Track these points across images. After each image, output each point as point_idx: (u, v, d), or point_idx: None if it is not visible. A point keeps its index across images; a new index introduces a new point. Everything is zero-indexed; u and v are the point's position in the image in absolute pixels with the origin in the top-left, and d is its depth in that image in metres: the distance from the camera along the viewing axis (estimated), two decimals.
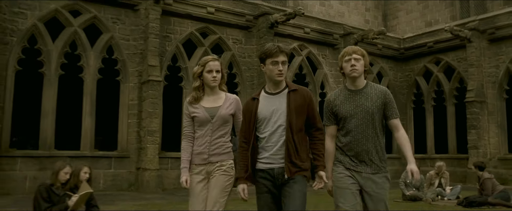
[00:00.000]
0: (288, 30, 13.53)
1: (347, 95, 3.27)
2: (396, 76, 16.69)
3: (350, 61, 3.19)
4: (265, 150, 3.04)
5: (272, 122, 3.04)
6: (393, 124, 3.23)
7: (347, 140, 3.21)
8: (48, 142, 9.87)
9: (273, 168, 3.01)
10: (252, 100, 3.16)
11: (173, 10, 11.45)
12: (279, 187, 3.02)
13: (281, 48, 3.05)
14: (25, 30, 9.73)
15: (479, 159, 13.13)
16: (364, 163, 3.16)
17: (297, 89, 3.09)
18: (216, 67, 3.38)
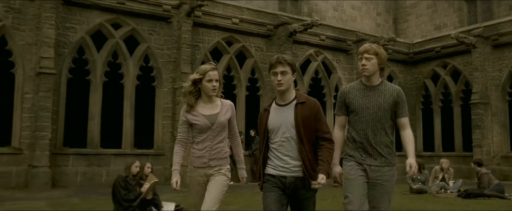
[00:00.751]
0: (305, 38, 14.67)
1: (362, 89, 3.38)
2: (405, 78, 17.75)
3: (362, 60, 3.34)
4: (276, 159, 3.15)
5: (280, 133, 3.14)
6: (402, 123, 3.36)
7: (357, 133, 3.34)
8: (94, 141, 11.17)
9: (286, 177, 3.11)
10: (264, 111, 3.29)
11: (202, 21, 12.67)
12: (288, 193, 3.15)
13: (280, 59, 3.12)
14: (75, 43, 11.02)
15: (483, 157, 14.20)
16: (372, 156, 3.29)
17: (305, 101, 3.16)
18: (215, 77, 3.49)
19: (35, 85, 10.20)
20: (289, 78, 3.12)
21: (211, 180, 3.52)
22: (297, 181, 3.09)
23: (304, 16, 20.65)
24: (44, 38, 10.16)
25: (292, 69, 3.14)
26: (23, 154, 10.15)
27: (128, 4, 11.59)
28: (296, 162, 3.09)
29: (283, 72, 3.08)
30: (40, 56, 10.06)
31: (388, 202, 3.32)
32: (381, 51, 3.37)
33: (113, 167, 11.05)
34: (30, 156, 10.05)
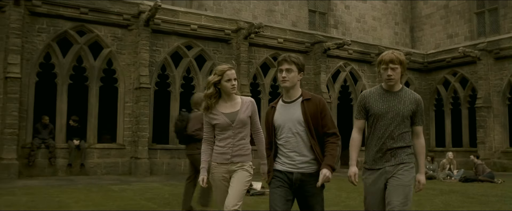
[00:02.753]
0: (336, 53, 17.57)
1: (382, 94, 3.42)
2: (420, 84, 20.54)
3: (387, 71, 3.34)
4: (282, 155, 3.25)
5: (286, 129, 3.22)
6: (416, 130, 3.43)
7: (375, 137, 3.40)
8: (175, 139, 14.27)
9: (292, 173, 3.18)
10: (271, 109, 3.38)
11: (255, 42, 15.68)
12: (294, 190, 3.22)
13: (286, 57, 3.25)
14: (159, 62, 14.12)
15: (485, 152, 17.09)
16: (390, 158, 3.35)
17: (311, 98, 3.25)
18: (233, 75, 3.61)
19: (135, 96, 13.33)
20: (294, 76, 3.23)
21: (234, 176, 3.60)
22: (304, 177, 3.17)
23: (330, 27, 23.64)
24: (142, 60, 13.29)
25: (298, 68, 3.25)
26: (125, 149, 13.33)
27: (198, 30, 14.64)
28: (302, 158, 3.18)
29: (288, 69, 3.21)
30: (139, 74, 13.19)
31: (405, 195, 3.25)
32: (403, 58, 3.42)
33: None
34: (132, 150, 13.22)
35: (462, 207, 6.97)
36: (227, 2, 20.43)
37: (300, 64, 3.28)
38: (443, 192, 9.17)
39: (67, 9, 12.63)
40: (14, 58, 11.51)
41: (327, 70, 17.21)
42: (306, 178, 3.15)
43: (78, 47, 12.93)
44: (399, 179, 3.28)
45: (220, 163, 3.64)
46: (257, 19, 20.33)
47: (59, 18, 12.60)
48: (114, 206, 7.01)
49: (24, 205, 6.82)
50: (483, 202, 7.61)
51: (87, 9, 12.82)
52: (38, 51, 12.31)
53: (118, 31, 13.52)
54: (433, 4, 25.62)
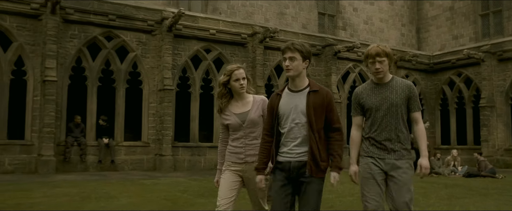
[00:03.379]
0: (345, 55, 18.41)
1: (374, 88, 3.46)
2: (426, 85, 21.36)
3: (375, 64, 3.38)
4: (284, 145, 3.20)
5: (290, 118, 3.16)
6: (414, 117, 3.45)
7: (372, 130, 3.43)
8: (195, 137, 15.23)
9: (290, 162, 3.15)
10: (276, 95, 3.31)
11: (269, 45, 16.55)
12: (293, 180, 3.15)
13: (289, 45, 3.19)
14: (181, 65, 15.02)
15: (489, 150, 17.90)
16: (388, 151, 3.37)
17: (318, 89, 3.18)
18: (241, 75, 3.61)
19: (159, 97, 14.28)
20: (298, 64, 3.16)
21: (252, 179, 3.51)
22: (301, 165, 3.13)
23: (339, 29, 24.49)
24: (165, 63, 14.24)
25: (302, 56, 3.17)
26: (150, 146, 14.28)
27: (216, 35, 15.56)
28: (302, 149, 3.14)
29: (292, 57, 3.15)
30: (163, 76, 14.13)
31: (408, 193, 3.32)
32: (389, 50, 3.45)
33: (208, 156, 15.08)
34: (156, 148, 14.17)
35: (464, 198, 7.84)
36: (240, 5, 21.31)
37: (305, 51, 3.20)
38: (448, 185, 10.03)
39: (96, 16, 13.58)
40: (51, 63, 12.48)
41: (337, 71, 18.08)
42: (303, 167, 3.11)
43: (106, 52, 13.88)
44: (401, 179, 3.32)
45: (234, 162, 3.64)
46: (269, 22, 21.30)
47: (89, 24, 13.55)
48: (154, 196, 7.92)
49: (77, 195, 7.75)
50: (483, 194, 8.47)
51: (114, 16, 13.76)
52: (71, 55, 13.27)
53: (143, 36, 14.46)
54: (439, 6, 26.36)
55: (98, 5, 13.58)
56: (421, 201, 7.27)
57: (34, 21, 12.81)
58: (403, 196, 3.29)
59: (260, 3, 21.85)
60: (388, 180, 3.37)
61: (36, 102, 12.63)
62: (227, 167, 3.64)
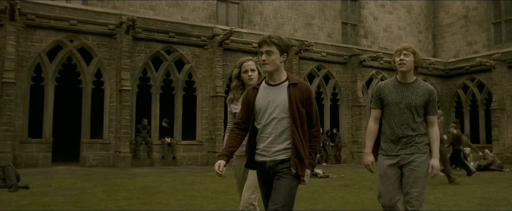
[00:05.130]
0: (370, 63, 20.61)
1: (396, 85, 3.59)
2: (442, 89, 23.42)
3: (400, 56, 3.55)
4: (260, 142, 3.02)
5: (267, 113, 2.98)
6: (430, 120, 3.59)
7: (390, 125, 3.56)
8: None
9: (266, 161, 2.99)
10: (252, 89, 3.12)
11: (303, 56, 18.82)
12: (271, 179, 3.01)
13: (265, 38, 3.02)
14: (228, 74, 17.39)
15: (499, 148, 19.94)
16: (403, 146, 3.51)
17: (297, 83, 3.01)
18: (250, 66, 3.73)
19: (211, 103, 16.65)
20: (275, 58, 2.98)
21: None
22: (276, 164, 2.97)
23: (361, 37, 26.65)
24: (216, 73, 16.61)
25: (280, 49, 3.00)
26: (203, 145, 16.66)
27: (255, 46, 17.87)
28: (278, 146, 2.96)
29: (268, 51, 2.98)
30: (215, 85, 16.50)
31: (421, 187, 3.42)
32: (417, 52, 3.57)
33: None
34: (209, 146, 16.53)
35: (473, 185, 10.04)
36: (272, 17, 23.61)
37: (282, 45, 3.03)
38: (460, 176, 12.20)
39: (159, 34, 16.00)
40: (125, 74, 14.93)
41: (362, 78, 20.27)
42: (278, 164, 2.96)
43: (167, 64, 16.29)
44: (415, 171, 3.45)
45: (238, 155, 3.69)
46: (297, 32, 23.63)
47: (153, 41, 15.98)
48: (231, 184, 10.22)
49: (168, 183, 10.00)
50: (490, 182, 10.64)
51: (174, 33, 16.17)
52: (138, 68, 15.71)
53: (197, 50, 16.84)
54: (454, 14, 28.32)
55: (161, 24, 16.00)
56: (439, 187, 9.47)
57: (110, 39, 15.28)
58: (416, 188, 3.43)
59: (290, 14, 24.12)
60: (403, 172, 3.53)
61: (113, 107, 15.09)
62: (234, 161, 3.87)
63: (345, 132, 19.80)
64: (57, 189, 8.14)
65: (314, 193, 8.30)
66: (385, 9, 27.61)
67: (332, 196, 7.94)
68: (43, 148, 14.00)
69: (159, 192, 8.00)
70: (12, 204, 6.27)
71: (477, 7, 26.89)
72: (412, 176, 3.45)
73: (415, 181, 3.45)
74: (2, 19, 13.38)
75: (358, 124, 19.49)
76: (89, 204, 6.40)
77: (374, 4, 27.15)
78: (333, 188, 9.15)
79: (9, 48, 13.26)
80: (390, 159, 3.57)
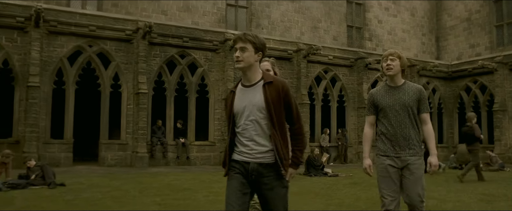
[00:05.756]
0: (375, 66, 21.25)
1: (387, 90, 3.80)
2: (445, 90, 24.04)
3: (386, 61, 3.79)
4: (241, 144, 2.92)
5: (245, 116, 2.90)
6: (423, 118, 3.78)
7: (387, 128, 3.72)
8: None
9: (249, 163, 2.87)
10: (229, 93, 3.09)
11: (311, 59, 19.49)
12: (252, 181, 2.88)
13: (240, 35, 2.94)
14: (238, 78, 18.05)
15: (501, 148, 20.55)
16: (401, 148, 3.67)
17: (273, 81, 2.90)
18: (265, 67, 3.81)
19: (224, 105, 17.29)
20: (250, 56, 2.91)
21: None
22: (261, 168, 2.84)
23: (366, 40, 27.29)
24: (228, 76, 17.28)
25: (254, 47, 2.92)
26: (216, 145, 17.33)
27: (269, 52, 18.48)
28: (260, 148, 2.85)
29: (243, 48, 2.91)
30: (227, 87, 17.17)
31: (421, 188, 3.64)
32: (403, 56, 3.81)
33: None
34: (221, 146, 17.19)
35: (475, 182, 10.68)
36: (279, 21, 24.29)
37: (258, 43, 2.95)
38: None
39: (174, 39, 16.69)
40: (142, 78, 15.63)
41: (367, 80, 20.92)
42: (264, 169, 2.84)
43: (181, 68, 16.97)
44: (414, 174, 3.64)
45: None
46: (304, 35, 24.30)
47: (168, 46, 16.67)
48: None
49: (189, 182, 10.70)
50: (491, 181, 11.28)
51: (188, 38, 16.85)
52: (154, 71, 16.40)
53: (209, 54, 17.53)
54: (457, 17, 28.94)
55: (175, 30, 16.69)
56: (443, 184, 10.12)
57: (127, 44, 15.98)
58: (416, 189, 3.62)
59: (296, 18, 24.79)
60: (402, 175, 3.69)
61: (130, 109, 15.79)
62: None
63: (351, 133, 20.43)
64: (90, 186, 8.83)
65: (328, 190, 8.96)
66: (389, 12, 28.23)
67: (344, 193, 8.60)
68: (64, 149, 14.70)
69: (184, 189, 8.67)
70: (59, 200, 6.96)
71: (480, 10, 27.49)
72: (412, 179, 3.64)
73: (414, 183, 3.64)
74: (27, 26, 14.09)
75: (363, 125, 20.08)
76: (126, 200, 7.08)
77: (378, 7, 27.79)
78: (344, 186, 9.81)
79: (33, 54, 13.97)
80: (390, 159, 3.73)
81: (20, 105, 14.14)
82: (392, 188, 3.68)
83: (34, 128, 13.82)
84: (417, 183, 3.63)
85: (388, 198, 3.68)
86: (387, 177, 3.70)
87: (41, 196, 7.39)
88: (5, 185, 8.06)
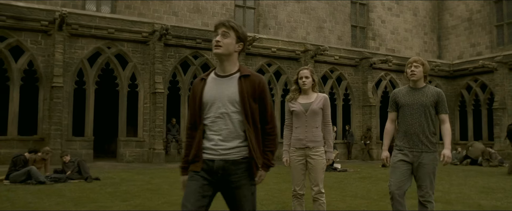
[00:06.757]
0: (379, 65, 22.01)
1: (409, 91, 4.17)
2: (447, 89, 24.79)
3: (411, 68, 4.14)
4: (207, 140, 2.66)
5: (215, 107, 2.65)
6: (441, 118, 4.13)
7: (404, 125, 4.10)
8: None
9: (213, 161, 2.61)
10: (200, 81, 2.79)
11: (318, 59, 20.25)
12: (216, 182, 2.63)
13: (224, 21, 2.72)
14: None
15: (501, 145, 21.32)
16: (416, 143, 4.03)
17: (250, 74, 2.70)
18: (303, 74, 4.42)
19: None
20: (230, 43, 2.68)
21: (311, 162, 4.39)
22: (227, 165, 2.60)
23: (369, 39, 28.02)
24: None
25: (237, 35, 2.71)
26: None
27: (277, 52, 19.33)
28: (227, 144, 2.61)
29: (225, 33, 2.68)
30: None
31: (429, 181, 4.01)
32: (426, 63, 4.17)
33: None
34: None
35: (476, 176, 11.47)
36: (285, 21, 25.02)
37: (241, 32, 2.74)
38: (464, 170, 13.66)
39: (188, 40, 17.44)
40: (158, 78, 16.40)
41: (372, 79, 21.68)
42: (230, 166, 2.60)
43: (194, 68, 17.74)
44: (425, 167, 4.00)
45: (298, 148, 4.42)
46: (309, 35, 25.04)
47: (182, 47, 17.43)
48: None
49: None
50: (490, 175, 12.06)
51: (201, 40, 17.60)
52: (169, 72, 17.17)
53: None
54: (458, 16, 29.65)
55: (189, 32, 17.45)
56: (446, 178, 10.91)
57: (144, 46, 16.74)
58: (426, 182, 4.00)
59: (302, 18, 25.53)
60: (415, 167, 4.05)
61: (146, 108, 16.57)
62: (293, 152, 4.47)
63: (356, 130, 21.21)
64: (122, 180, 9.61)
65: (340, 184, 9.74)
66: (392, 12, 28.95)
67: (355, 186, 9.38)
68: (85, 146, 15.50)
69: None
70: (102, 192, 7.74)
71: (481, 10, 28.20)
72: (423, 171, 4.00)
73: (424, 176, 4.00)
74: (51, 29, 14.85)
75: (368, 122, 20.90)
76: (162, 192, 7.85)
77: (382, 7, 28.50)
78: (354, 180, 10.60)
79: (57, 56, 14.74)
80: (403, 154, 4.07)
81: (44, 104, 14.92)
82: (400, 178, 4.03)
83: (58, 126, 14.60)
84: (426, 176, 3.99)
85: (394, 186, 4.06)
86: (396, 169, 4.08)
87: (84, 188, 8.17)
88: (48, 178, 8.84)
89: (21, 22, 14.55)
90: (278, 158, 18.73)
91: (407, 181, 4.07)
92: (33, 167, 8.84)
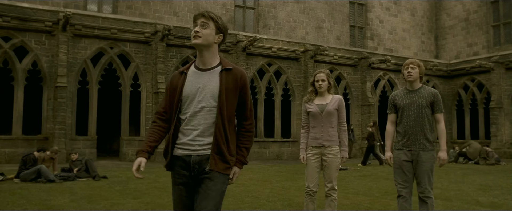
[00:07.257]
0: (377, 65, 22.28)
1: (406, 92, 4.36)
2: (444, 88, 25.10)
3: (407, 69, 4.33)
4: (184, 135, 2.60)
5: (195, 102, 2.60)
6: (436, 117, 4.32)
7: (403, 125, 4.29)
8: (261, 133, 19.26)
9: (190, 156, 2.58)
10: (179, 74, 2.71)
11: (318, 59, 20.50)
12: (194, 178, 2.60)
13: (203, 12, 2.64)
14: (250, 76, 19.06)
15: (497, 143, 21.64)
16: (414, 142, 4.23)
17: (232, 68, 2.65)
18: (320, 77, 4.67)
19: None
20: (209, 34, 2.61)
21: (327, 160, 4.61)
22: (203, 160, 2.56)
23: (367, 39, 28.28)
24: None
25: (216, 26, 2.64)
26: None
27: (277, 52, 19.57)
28: (204, 139, 2.57)
29: (204, 24, 2.61)
30: None
31: (427, 178, 4.21)
32: (422, 64, 4.36)
33: (271, 149, 19.13)
34: None
35: (474, 175, 11.75)
36: (285, 21, 25.24)
37: (220, 24, 2.67)
38: (462, 168, 13.93)
39: (189, 40, 17.63)
40: (161, 78, 16.61)
41: (370, 79, 21.95)
42: (206, 161, 2.56)
43: None
44: (423, 165, 4.19)
45: (314, 146, 4.63)
46: (309, 35, 25.28)
47: (184, 47, 17.65)
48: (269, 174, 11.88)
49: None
50: (488, 173, 12.34)
51: None
52: (171, 71, 17.36)
53: (221, 54, 18.49)
54: (455, 17, 29.94)
55: (190, 32, 17.62)
56: (444, 176, 11.17)
57: (146, 46, 16.95)
58: (425, 179, 4.18)
59: (301, 18, 25.77)
60: (414, 165, 4.25)
61: (148, 107, 16.78)
62: (309, 151, 4.68)
63: (355, 129, 21.45)
64: (129, 179, 9.83)
65: (341, 181, 9.97)
66: (390, 12, 29.21)
67: (357, 184, 9.63)
68: (89, 145, 15.70)
69: None
70: (112, 190, 7.96)
71: (478, 10, 28.50)
72: (421, 169, 4.20)
73: (423, 173, 4.19)
74: (55, 30, 15.05)
75: (367, 121, 21.14)
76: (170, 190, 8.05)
77: (380, 7, 28.77)
78: (355, 178, 10.85)
79: (61, 56, 14.94)
80: (403, 153, 4.27)
81: (48, 104, 15.12)
82: (403, 178, 4.25)
83: (63, 125, 14.80)
84: (424, 173, 4.18)
85: (399, 186, 4.29)
86: (399, 169, 4.29)
87: (93, 186, 8.39)
88: (58, 177, 9.06)
89: (26, 23, 14.74)
90: (279, 157, 19.02)
91: (412, 180, 4.29)
92: (43, 166, 9.05)
